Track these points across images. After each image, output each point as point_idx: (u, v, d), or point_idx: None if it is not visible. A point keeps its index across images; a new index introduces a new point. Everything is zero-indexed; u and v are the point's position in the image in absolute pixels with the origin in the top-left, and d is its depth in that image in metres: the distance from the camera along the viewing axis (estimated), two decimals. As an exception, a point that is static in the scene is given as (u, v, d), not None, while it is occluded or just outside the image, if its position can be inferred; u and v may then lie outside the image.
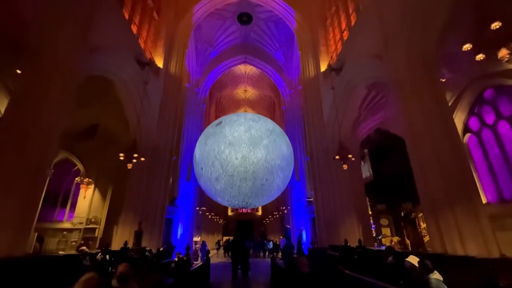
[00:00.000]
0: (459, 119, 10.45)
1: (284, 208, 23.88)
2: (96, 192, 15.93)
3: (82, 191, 15.74)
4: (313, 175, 13.19)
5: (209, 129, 9.12)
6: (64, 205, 15.72)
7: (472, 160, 10.20)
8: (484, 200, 9.53)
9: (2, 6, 7.07)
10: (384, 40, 8.07)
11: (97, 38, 7.92)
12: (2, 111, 9.04)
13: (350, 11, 11.13)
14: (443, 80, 9.28)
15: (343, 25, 11.81)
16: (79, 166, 16.11)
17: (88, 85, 8.62)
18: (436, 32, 7.05)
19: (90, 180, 15.82)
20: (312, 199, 14.15)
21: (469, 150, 10.41)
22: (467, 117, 10.61)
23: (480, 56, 6.44)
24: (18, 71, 8.18)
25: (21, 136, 5.75)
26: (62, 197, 15.76)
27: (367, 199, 14.54)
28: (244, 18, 19.29)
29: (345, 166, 9.57)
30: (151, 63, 11.48)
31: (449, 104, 10.33)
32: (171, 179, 13.39)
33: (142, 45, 11.23)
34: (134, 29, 10.84)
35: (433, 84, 6.85)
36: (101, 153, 15.72)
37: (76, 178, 15.83)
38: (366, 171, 17.43)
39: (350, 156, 9.47)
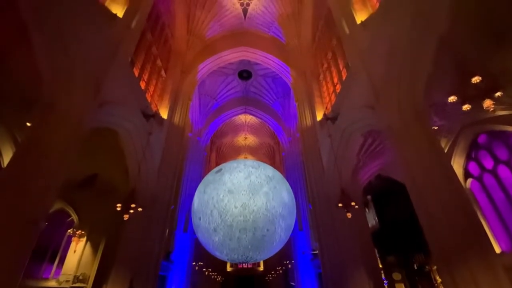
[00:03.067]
0: (458, 165, 10.51)
1: (287, 262, 22.10)
2: (88, 245, 15.01)
3: (73, 244, 14.84)
4: (316, 225, 12.61)
5: (208, 177, 9.08)
6: (52, 260, 14.63)
7: (478, 206, 9.89)
8: (498, 249, 8.92)
9: (20, 62, 7.80)
10: (374, 92, 8.64)
11: (107, 93, 8.53)
12: (6, 162, 9.18)
13: (341, 67, 12.23)
14: (436, 128, 9.65)
15: (335, 80, 12.83)
16: (74, 217, 15.55)
17: (91, 134, 8.93)
18: (423, 84, 7.60)
19: (83, 232, 15.08)
20: (317, 252, 13.23)
21: (473, 195, 10.19)
22: (465, 162, 10.67)
23: (466, 107, 6.85)
24: (28, 124, 8.60)
25: (20, 187, 5.74)
26: (51, 251, 14.78)
27: (376, 250, 13.60)
28: (244, 75, 21.12)
29: (349, 215, 9.23)
30: (156, 115, 12.12)
31: (446, 150, 10.54)
32: (167, 231, 12.77)
33: (148, 99, 12.03)
34: (142, 84, 11.76)
35: (426, 132, 7.09)
36: (98, 203, 15.33)
37: (69, 230, 15.10)
38: (371, 219, 16.73)
39: (353, 204, 9.23)
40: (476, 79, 6.26)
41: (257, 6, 16.57)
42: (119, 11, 9.40)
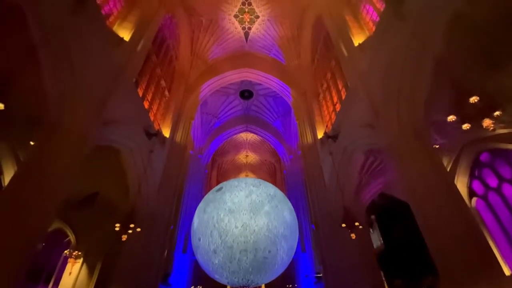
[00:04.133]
0: (462, 183, 10.35)
1: (290, 286, 21.15)
2: (84, 267, 14.55)
3: (68, 266, 14.38)
4: (320, 246, 12.23)
5: (209, 195, 8.97)
6: (47, 282, 14.09)
7: (485, 226, 9.62)
8: (507, 271, 8.54)
9: (28, 82, 7.98)
10: (374, 111, 8.75)
11: (110, 112, 8.67)
12: (7, 181, 9.16)
13: (340, 87, 12.50)
14: (437, 146, 9.64)
15: (335, 99, 13.06)
16: (71, 237, 15.20)
17: (92, 153, 8.96)
18: (421, 103, 7.70)
19: (79, 253, 14.67)
20: (321, 275, 12.71)
21: (479, 214, 9.94)
22: (469, 181, 10.52)
23: (466, 126, 6.88)
24: (31, 143, 8.69)
25: (19, 206, 5.68)
26: (46, 273, 14.27)
27: (382, 273, 13.05)
28: (246, 94, 21.60)
29: (353, 235, 9.00)
30: (159, 133, 12.25)
31: (448, 169, 10.44)
32: (166, 252, 12.41)
33: (151, 118, 12.22)
34: (146, 104, 12.00)
35: (427, 150, 7.09)
36: (96, 223, 15.06)
37: (65, 251, 14.70)
38: (376, 240, 16.24)
39: (357, 224, 9.03)
40: (474, 99, 6.34)
41: (258, 29, 17.30)
42: (126, 35, 9.84)
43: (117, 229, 8.30)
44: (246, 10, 16.35)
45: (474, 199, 10.30)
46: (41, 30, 6.64)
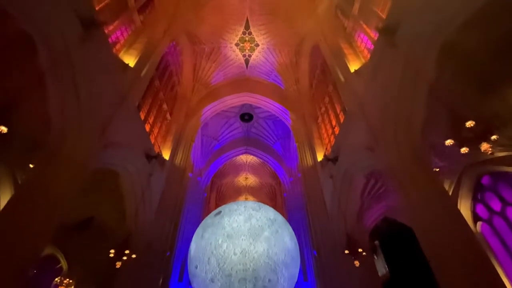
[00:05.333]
0: (465, 207, 10.16)
1: (292, 318, 19.81)
2: (74, 297, 13.78)
3: (58, 295, 13.65)
4: (322, 275, 11.67)
5: (207, 220, 8.74)
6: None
7: (491, 251, 9.28)
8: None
9: (32, 107, 8.12)
10: (372, 135, 8.85)
11: (112, 135, 8.74)
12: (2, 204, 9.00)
13: (338, 110, 12.76)
14: (437, 169, 9.60)
15: (334, 122, 13.27)
16: (63, 263, 14.60)
17: (90, 175, 8.87)
18: (419, 127, 7.78)
19: (71, 281, 13.98)
20: (324, 306, 11.98)
21: (485, 239, 9.64)
22: (472, 205, 10.34)
23: (464, 150, 6.91)
24: (31, 165, 8.67)
25: (13, 231, 5.53)
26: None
27: (389, 304, 12.33)
28: (246, 117, 22.00)
29: (356, 263, 8.67)
30: (158, 156, 12.27)
31: (450, 192, 10.31)
32: (161, 280, 11.82)
33: (152, 141, 12.32)
34: (147, 127, 12.17)
35: (428, 174, 7.07)
36: (90, 249, 14.52)
37: (56, 279, 14.02)
38: (381, 267, 15.55)
39: (360, 250, 8.73)
40: (470, 123, 6.44)
41: (258, 57, 18.10)
42: (131, 61, 10.24)
43: (111, 255, 8.01)
44: (247, 39, 17.23)
45: (479, 224, 10.05)
46: (50, 58, 6.88)
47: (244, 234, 7.45)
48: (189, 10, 14.35)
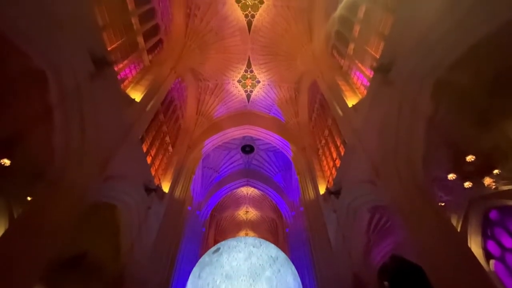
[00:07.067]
0: (476, 244, 9.68)
1: None
2: None
3: None
4: (329, 320, 10.71)
5: (205, 258, 8.35)
6: None
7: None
8: None
9: (37, 140, 8.22)
10: (373, 168, 8.78)
11: (113, 168, 8.72)
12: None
13: (338, 143, 12.90)
14: (443, 204, 9.37)
15: (334, 155, 13.33)
16: (48, 306, 13.47)
17: (86, 209, 8.63)
18: (419, 162, 7.72)
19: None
20: None
21: (499, 279, 8.99)
22: (483, 241, 9.85)
23: (468, 184, 6.85)
24: (28, 198, 8.53)
25: (3, 266, 5.25)
26: None
27: None
28: (247, 149, 22.21)
29: (365, 307, 7.98)
30: (158, 189, 12.12)
31: (459, 228, 9.92)
32: (153, 327, 10.83)
33: (152, 173, 12.28)
34: (148, 159, 12.22)
35: (433, 208, 6.87)
36: (83, 287, 13.54)
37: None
38: (393, 312, 14.23)
39: (368, 292, 8.12)
40: (470, 158, 6.48)
41: (259, 92, 18.98)
42: (137, 96, 10.66)
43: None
44: (248, 76, 18.22)
45: (492, 262, 9.46)
46: (60, 92, 7.13)
47: (244, 274, 7.04)
48: (195, 50, 15.37)
